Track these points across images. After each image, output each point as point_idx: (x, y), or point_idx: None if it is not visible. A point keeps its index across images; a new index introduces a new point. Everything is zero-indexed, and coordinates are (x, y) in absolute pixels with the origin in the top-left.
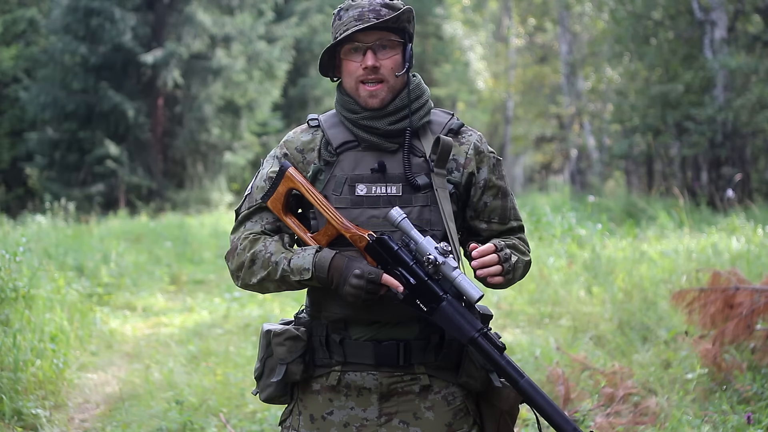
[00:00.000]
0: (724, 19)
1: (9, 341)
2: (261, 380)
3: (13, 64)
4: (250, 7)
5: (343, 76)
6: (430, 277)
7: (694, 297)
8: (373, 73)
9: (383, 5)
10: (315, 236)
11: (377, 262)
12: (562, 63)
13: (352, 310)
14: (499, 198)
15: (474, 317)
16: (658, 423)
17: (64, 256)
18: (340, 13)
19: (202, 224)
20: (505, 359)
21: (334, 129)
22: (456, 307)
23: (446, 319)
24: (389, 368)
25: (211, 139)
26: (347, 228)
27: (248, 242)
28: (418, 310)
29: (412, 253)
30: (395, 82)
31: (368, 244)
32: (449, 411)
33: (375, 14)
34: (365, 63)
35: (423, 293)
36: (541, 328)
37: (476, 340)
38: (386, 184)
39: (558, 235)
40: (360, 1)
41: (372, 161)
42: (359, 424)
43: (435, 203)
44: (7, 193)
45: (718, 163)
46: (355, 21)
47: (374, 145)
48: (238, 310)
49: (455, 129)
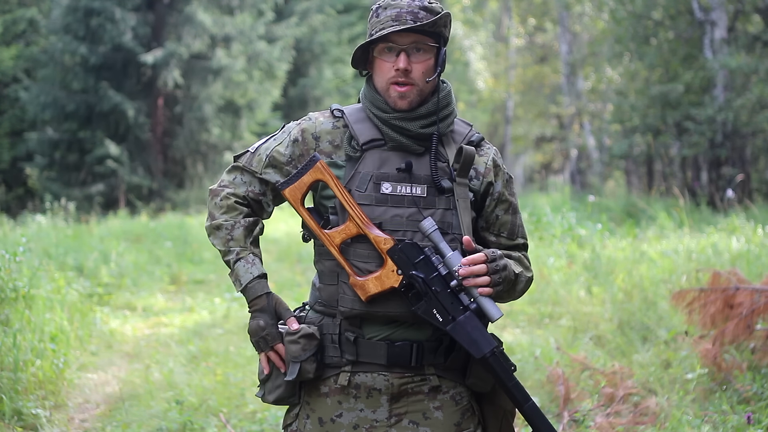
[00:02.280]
0: (724, 19)
1: (9, 341)
2: (269, 380)
3: (13, 64)
4: (250, 7)
5: (374, 74)
6: (452, 289)
7: (694, 297)
8: (404, 75)
9: (422, 8)
10: (331, 233)
11: (398, 266)
12: (562, 63)
13: (371, 307)
14: (509, 213)
15: (490, 336)
16: (658, 423)
17: (64, 256)
18: (378, 11)
19: (202, 224)
20: (514, 381)
21: (360, 124)
22: (474, 323)
23: (463, 332)
24: (401, 369)
25: (211, 139)
26: (370, 229)
27: (226, 206)
28: (433, 321)
29: (436, 265)
30: (425, 86)
31: (393, 247)
32: (457, 410)
33: (413, 16)
34: (398, 65)
35: (442, 304)
36: (541, 328)
37: (488, 360)
38: (412, 184)
39: (558, 235)
40: (399, 0)
41: (398, 161)
42: (369, 426)
43: (456, 208)
44: (7, 193)
45: (718, 163)
46: (392, 21)
47: (402, 146)
48: (238, 310)
49: (476, 141)
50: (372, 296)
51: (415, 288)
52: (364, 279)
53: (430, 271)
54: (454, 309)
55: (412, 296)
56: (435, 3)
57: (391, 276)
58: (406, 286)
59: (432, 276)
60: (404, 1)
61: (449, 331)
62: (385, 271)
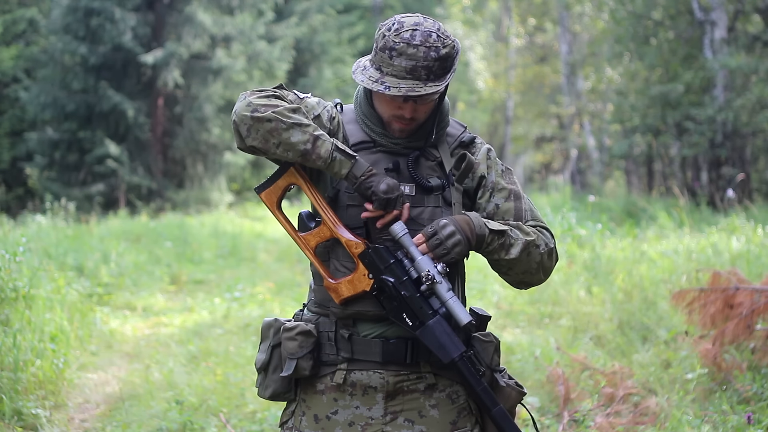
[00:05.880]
0: (724, 19)
1: (9, 341)
2: (267, 374)
3: (13, 64)
4: (250, 7)
5: (375, 98)
6: (422, 293)
7: (694, 297)
8: (410, 120)
9: (437, 59)
10: (305, 236)
11: (369, 270)
12: (562, 63)
13: (362, 306)
14: (511, 200)
15: (459, 340)
16: (658, 423)
17: (64, 256)
18: (391, 51)
19: (202, 224)
20: (482, 386)
21: (352, 125)
22: (443, 327)
23: (431, 336)
24: (396, 367)
25: (211, 139)
26: (342, 232)
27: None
28: (403, 324)
29: (407, 268)
30: (425, 119)
31: (363, 251)
32: (453, 409)
33: (426, 71)
34: (403, 113)
35: (411, 308)
36: (541, 328)
37: (457, 363)
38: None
39: (558, 235)
40: (415, 49)
41: (387, 162)
42: (364, 423)
43: (447, 206)
44: (7, 193)
45: (718, 163)
46: (405, 74)
47: (391, 150)
48: (238, 310)
49: (467, 142)
50: (345, 299)
51: (386, 292)
52: (337, 282)
53: (400, 275)
54: (424, 313)
55: (383, 299)
56: (448, 46)
57: (362, 280)
58: (377, 290)
59: (402, 280)
60: (420, 51)
61: (418, 335)
62: (357, 274)
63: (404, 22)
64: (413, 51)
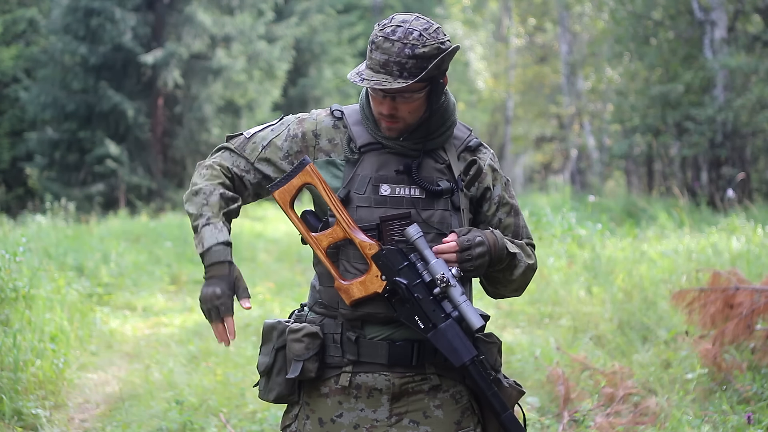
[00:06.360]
0: (724, 19)
1: (9, 341)
2: (270, 377)
3: (13, 64)
4: (250, 7)
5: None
6: (435, 297)
7: (694, 297)
8: (390, 118)
9: (411, 56)
10: (318, 236)
11: (382, 272)
12: (562, 63)
13: (372, 308)
14: (512, 216)
15: (471, 344)
16: (658, 423)
17: (64, 256)
18: (373, 44)
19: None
20: (492, 390)
21: (358, 127)
22: (456, 330)
23: (443, 340)
24: (402, 368)
25: (211, 139)
26: (356, 233)
27: (209, 174)
28: (414, 327)
29: (420, 272)
30: (414, 120)
31: (377, 253)
32: (457, 409)
33: (399, 67)
34: (382, 109)
35: (424, 311)
36: (541, 328)
37: (468, 368)
38: (410, 186)
39: (558, 235)
40: (391, 44)
41: (396, 163)
42: (369, 425)
43: (455, 210)
44: (7, 193)
45: (718, 163)
46: (378, 67)
47: (399, 150)
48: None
49: (473, 147)
50: (356, 300)
51: (399, 294)
52: (348, 283)
53: (413, 277)
54: (436, 316)
55: (395, 302)
56: (430, 46)
57: (375, 281)
58: (389, 292)
59: (415, 283)
60: (395, 46)
61: (430, 338)
62: (370, 276)
63: (394, 18)
64: (388, 45)
